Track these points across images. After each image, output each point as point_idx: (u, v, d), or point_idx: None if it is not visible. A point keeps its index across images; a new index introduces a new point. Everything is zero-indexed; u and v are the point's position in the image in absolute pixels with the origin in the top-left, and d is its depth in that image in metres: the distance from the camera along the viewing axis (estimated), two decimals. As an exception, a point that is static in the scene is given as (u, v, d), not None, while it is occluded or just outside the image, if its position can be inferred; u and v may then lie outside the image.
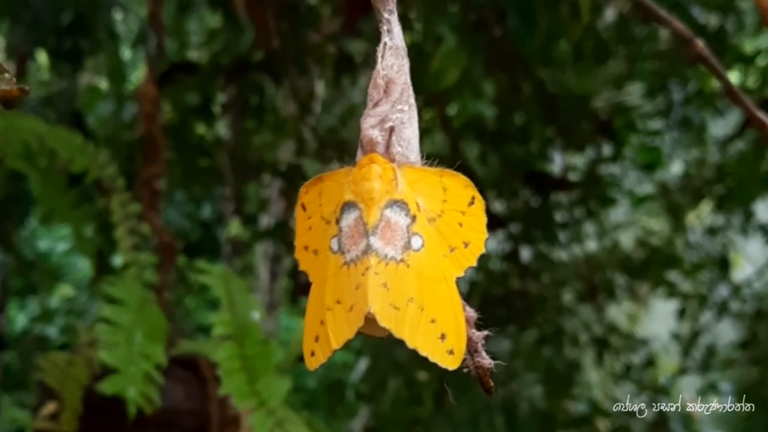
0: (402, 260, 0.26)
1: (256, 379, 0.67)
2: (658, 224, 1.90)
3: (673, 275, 1.77)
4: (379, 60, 0.29)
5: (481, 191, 0.27)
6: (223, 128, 1.78)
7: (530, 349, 1.55)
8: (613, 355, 1.68)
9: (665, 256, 1.74)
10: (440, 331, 0.25)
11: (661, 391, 1.71)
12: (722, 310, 1.74)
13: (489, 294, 1.55)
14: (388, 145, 0.27)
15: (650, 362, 1.72)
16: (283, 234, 1.69)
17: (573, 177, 1.66)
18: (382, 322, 0.25)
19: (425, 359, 0.25)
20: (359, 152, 0.28)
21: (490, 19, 1.16)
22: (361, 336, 0.26)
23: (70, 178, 1.01)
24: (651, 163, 1.75)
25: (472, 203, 0.27)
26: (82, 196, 1.02)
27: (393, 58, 0.29)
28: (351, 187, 0.27)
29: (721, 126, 1.62)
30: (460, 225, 0.27)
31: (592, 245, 1.75)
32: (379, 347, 1.45)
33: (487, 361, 0.26)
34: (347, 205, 0.27)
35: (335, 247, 0.27)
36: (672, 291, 1.77)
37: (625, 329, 1.81)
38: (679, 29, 0.49)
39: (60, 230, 2.25)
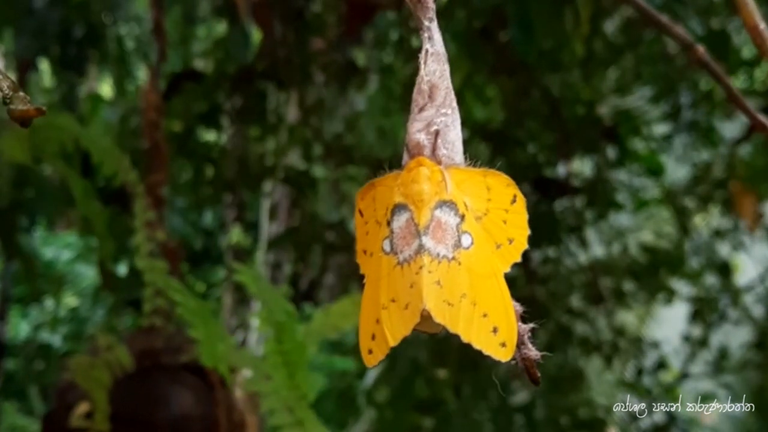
0: (453, 258, 0.27)
1: (295, 374, 0.69)
2: (660, 228, 1.91)
3: (677, 280, 1.78)
4: (422, 66, 0.30)
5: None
6: (227, 136, 1.79)
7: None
8: (622, 358, 1.69)
9: (667, 261, 1.75)
10: (492, 325, 0.26)
11: (668, 395, 1.72)
12: (722, 316, 1.75)
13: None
14: (434, 148, 0.28)
15: (661, 365, 1.73)
16: (292, 241, 1.70)
17: (576, 183, 1.68)
18: (437, 318, 0.26)
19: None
20: (405, 156, 0.29)
21: (495, 26, 1.18)
22: (416, 332, 0.27)
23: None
24: (653, 168, 1.76)
25: (514, 201, 0.28)
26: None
27: (435, 64, 0.30)
28: (401, 189, 0.28)
29: (728, 129, 1.64)
30: (505, 222, 0.28)
31: (597, 251, 1.76)
32: (397, 349, 1.46)
33: (533, 352, 0.27)
34: (398, 207, 0.28)
35: (387, 248, 0.28)
36: (671, 297, 1.78)
37: (633, 334, 1.82)
38: (679, 34, 0.50)
39: (65, 238, 2.25)
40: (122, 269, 1.61)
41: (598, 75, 1.54)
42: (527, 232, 0.28)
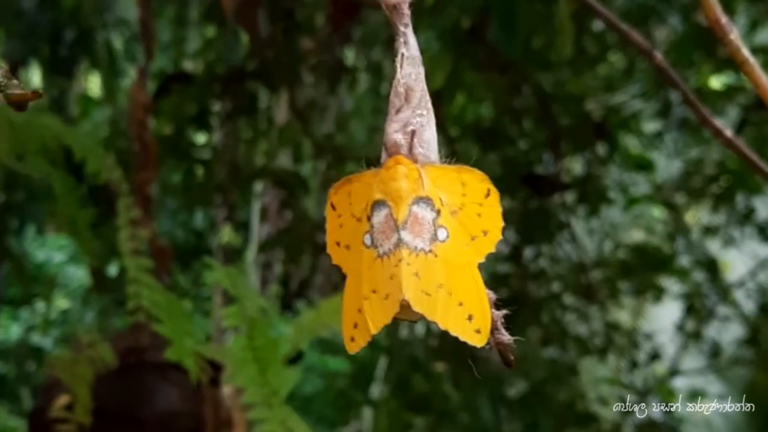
0: (430, 251, 0.29)
1: (266, 370, 0.70)
2: (651, 226, 1.92)
3: (667, 277, 1.79)
4: (398, 70, 0.31)
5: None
6: (217, 137, 1.80)
7: (534, 349, 1.57)
8: (616, 353, 1.70)
9: (657, 259, 1.77)
10: (467, 313, 0.28)
11: (661, 390, 1.73)
12: (711, 313, 1.77)
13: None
14: (411, 147, 0.30)
15: (655, 356, 1.74)
16: (283, 243, 1.71)
17: (566, 179, 1.69)
18: (416, 308, 0.28)
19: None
20: (384, 155, 0.30)
21: (484, 24, 1.19)
22: (396, 320, 0.29)
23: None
24: (643, 164, 1.77)
25: (488, 195, 0.30)
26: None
27: (410, 68, 0.31)
28: (380, 186, 0.29)
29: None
30: (479, 215, 0.29)
31: (589, 248, 1.77)
32: (397, 347, 1.47)
33: (506, 337, 0.29)
34: (377, 204, 0.29)
35: (368, 242, 0.30)
36: (660, 294, 1.79)
37: (626, 331, 1.83)
38: (637, 41, 0.52)
39: (58, 240, 2.25)
40: (113, 270, 1.62)
41: (589, 72, 1.55)
42: (501, 223, 0.30)
